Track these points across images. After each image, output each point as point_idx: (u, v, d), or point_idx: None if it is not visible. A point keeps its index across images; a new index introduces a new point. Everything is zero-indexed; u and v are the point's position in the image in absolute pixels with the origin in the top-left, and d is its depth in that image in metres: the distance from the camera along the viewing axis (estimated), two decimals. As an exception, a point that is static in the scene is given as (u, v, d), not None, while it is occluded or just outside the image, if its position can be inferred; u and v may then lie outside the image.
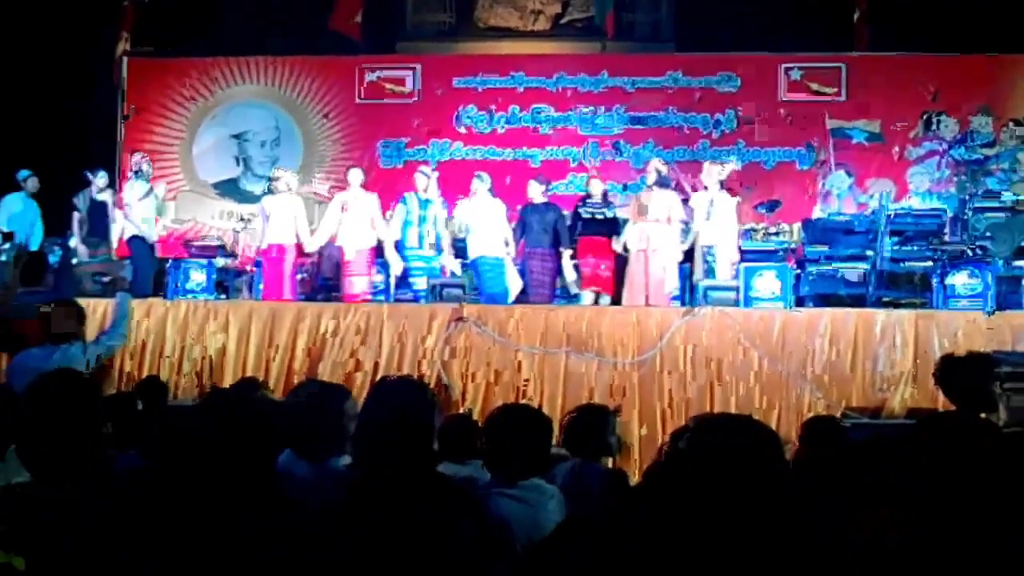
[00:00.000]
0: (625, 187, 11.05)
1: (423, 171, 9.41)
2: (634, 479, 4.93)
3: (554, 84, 11.93)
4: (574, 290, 9.16)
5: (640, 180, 9.49)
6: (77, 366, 4.98)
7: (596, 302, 8.88)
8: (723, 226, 8.67)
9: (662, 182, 8.85)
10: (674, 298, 8.71)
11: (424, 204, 9.09)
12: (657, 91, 11.86)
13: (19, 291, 6.14)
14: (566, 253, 9.08)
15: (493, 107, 11.96)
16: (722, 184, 8.83)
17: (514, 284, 9.04)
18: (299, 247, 8.95)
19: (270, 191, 9.20)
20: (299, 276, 9.21)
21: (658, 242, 8.54)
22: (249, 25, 12.09)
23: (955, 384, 4.13)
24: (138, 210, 9.36)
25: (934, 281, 7.76)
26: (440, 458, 3.21)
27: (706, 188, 8.89)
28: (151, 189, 9.66)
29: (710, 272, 8.56)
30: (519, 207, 9.46)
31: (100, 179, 9.90)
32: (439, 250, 9.17)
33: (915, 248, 8.20)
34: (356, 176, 9.10)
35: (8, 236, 9.10)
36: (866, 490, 2.82)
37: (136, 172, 9.68)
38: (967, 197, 9.18)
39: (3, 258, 8.83)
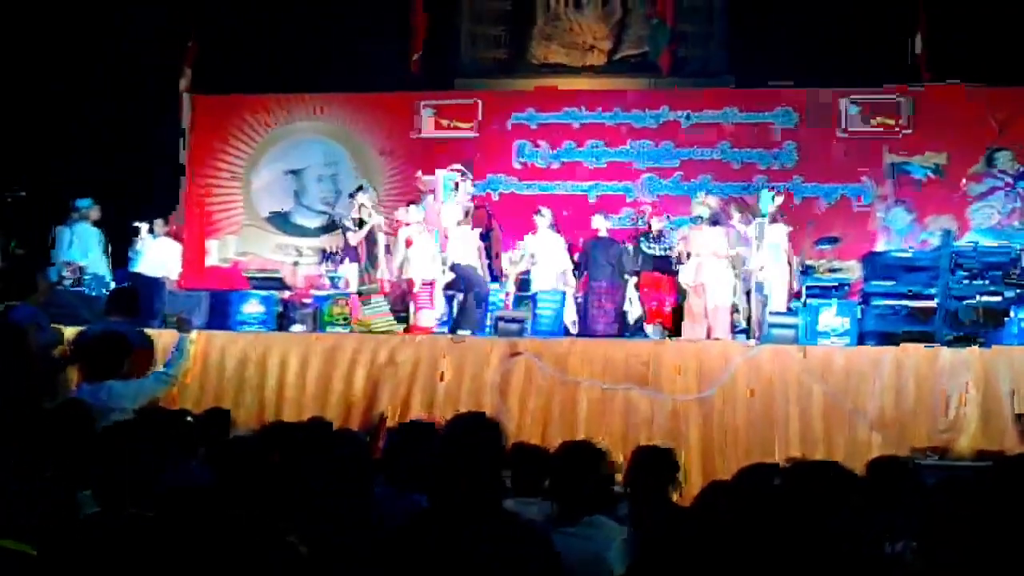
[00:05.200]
0: (687, 220, 10.94)
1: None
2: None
3: (611, 119, 11.94)
4: (634, 318, 9.19)
5: (692, 217, 9.42)
6: (124, 404, 4.84)
7: (662, 336, 8.87)
8: (776, 255, 8.58)
9: (713, 219, 8.84)
10: (740, 331, 8.66)
11: (485, 236, 9.20)
12: (714, 126, 11.80)
13: (112, 320, 6.19)
14: (631, 281, 9.10)
15: (549, 142, 11.99)
16: (773, 217, 8.73)
17: (570, 318, 9.09)
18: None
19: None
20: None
21: (711, 276, 8.53)
22: (309, 62, 12.28)
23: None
24: (457, 234, 8.76)
25: (1011, 314, 7.58)
26: (512, 493, 3.20)
27: (761, 217, 8.84)
28: (469, 211, 8.96)
29: (764, 304, 8.47)
30: (582, 240, 9.51)
31: (369, 200, 9.05)
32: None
33: (984, 283, 8.03)
34: (416, 212, 9.20)
35: (81, 269, 9.30)
36: (945, 524, 2.75)
37: (454, 188, 8.98)
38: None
39: (87, 291, 9.01)
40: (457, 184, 9.57)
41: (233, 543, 2.09)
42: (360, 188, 9.36)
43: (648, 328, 8.99)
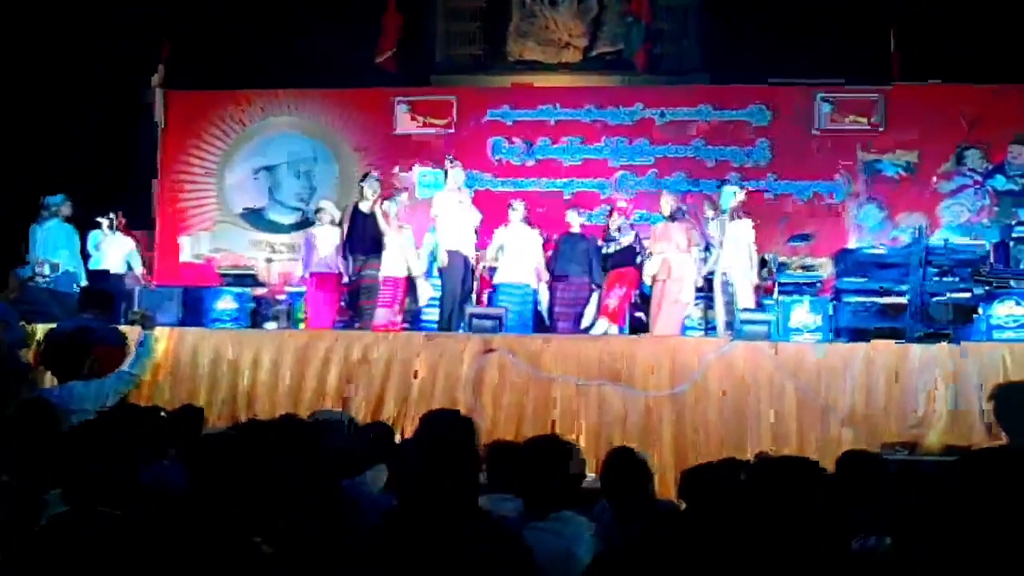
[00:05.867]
0: (655, 219, 10.96)
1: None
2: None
3: (586, 115, 11.96)
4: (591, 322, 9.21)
5: (659, 215, 9.43)
6: (85, 405, 4.76)
7: (606, 332, 8.85)
8: (739, 251, 8.63)
9: (675, 215, 8.89)
10: (711, 327, 8.69)
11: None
12: (689, 123, 11.85)
13: (85, 316, 6.12)
14: (595, 293, 9.11)
15: (525, 139, 12.00)
16: (733, 213, 8.76)
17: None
18: (339, 276, 9.06)
19: (315, 222, 9.35)
20: (340, 304, 9.28)
21: (679, 271, 8.56)
22: (285, 58, 12.22)
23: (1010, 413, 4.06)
24: (448, 220, 8.71)
25: (980, 311, 7.67)
26: (488, 490, 3.21)
27: (721, 214, 8.88)
28: (464, 200, 8.90)
29: (731, 300, 8.50)
30: (555, 236, 9.53)
31: (369, 189, 9.03)
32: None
33: (955, 280, 8.12)
34: (390, 208, 9.17)
35: (55, 267, 9.23)
36: (917, 519, 2.77)
37: (443, 176, 8.92)
38: (1012, 224, 9.08)
39: (54, 287, 8.94)
40: (447, 172, 9.44)
41: (200, 543, 2.08)
42: (365, 176, 9.33)
43: (600, 324, 8.95)
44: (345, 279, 9.03)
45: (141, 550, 2.13)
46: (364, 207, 9.03)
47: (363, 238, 8.93)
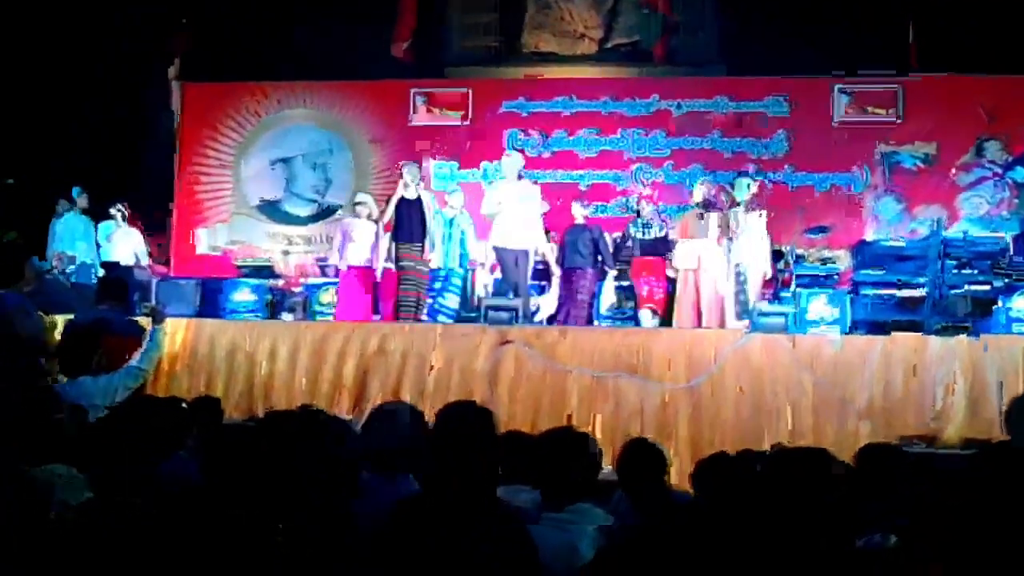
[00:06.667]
0: (679, 208, 10.86)
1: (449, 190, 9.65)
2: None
3: (602, 107, 11.93)
4: (607, 306, 9.18)
5: (691, 204, 9.37)
6: (94, 401, 4.79)
7: (653, 320, 8.83)
8: (753, 243, 8.59)
9: (706, 204, 8.85)
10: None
11: (449, 223, 9.16)
12: (706, 114, 11.80)
13: (101, 307, 6.15)
14: (611, 274, 9.08)
15: (542, 130, 11.98)
16: (748, 204, 8.72)
17: (545, 305, 9.11)
18: (374, 272, 9.11)
19: (346, 211, 9.38)
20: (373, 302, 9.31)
21: (709, 262, 8.53)
22: (300, 50, 12.24)
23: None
24: (509, 211, 8.49)
25: (999, 303, 7.62)
26: (504, 481, 3.21)
27: (737, 206, 8.84)
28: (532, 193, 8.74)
29: (741, 291, 8.48)
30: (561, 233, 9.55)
31: (409, 175, 8.93)
32: (464, 267, 9.23)
33: (974, 272, 8.07)
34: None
35: (72, 259, 9.29)
36: (927, 507, 2.77)
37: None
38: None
39: (74, 279, 9.01)
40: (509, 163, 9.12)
41: (222, 534, 2.09)
42: (403, 163, 9.34)
43: (641, 314, 8.97)
44: (391, 266, 8.96)
45: (164, 539, 2.14)
46: (409, 194, 8.92)
47: (411, 226, 8.81)
